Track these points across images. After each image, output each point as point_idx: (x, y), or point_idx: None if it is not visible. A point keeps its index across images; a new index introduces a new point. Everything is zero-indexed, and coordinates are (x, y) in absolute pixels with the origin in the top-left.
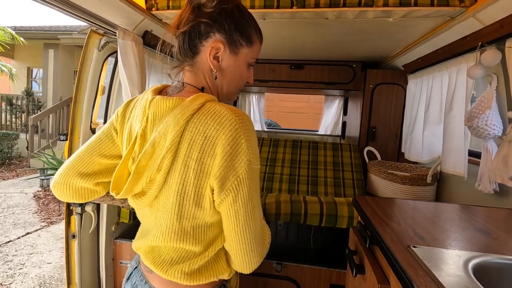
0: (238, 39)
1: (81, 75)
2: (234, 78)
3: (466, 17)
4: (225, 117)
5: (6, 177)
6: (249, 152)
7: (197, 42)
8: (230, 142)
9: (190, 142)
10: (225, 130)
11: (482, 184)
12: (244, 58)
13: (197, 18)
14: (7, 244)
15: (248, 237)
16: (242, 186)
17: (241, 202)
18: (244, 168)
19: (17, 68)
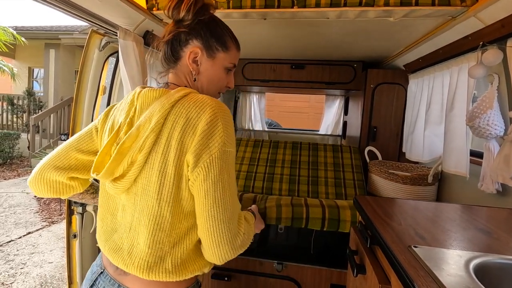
0: (214, 45)
1: (82, 75)
2: (212, 80)
3: (467, 17)
4: (206, 103)
5: (8, 176)
6: (224, 135)
7: (178, 49)
8: (208, 123)
9: (173, 123)
10: (205, 113)
11: (484, 184)
12: (221, 62)
13: (177, 29)
14: (8, 243)
15: (217, 221)
16: (213, 165)
17: (211, 181)
18: (217, 148)
19: (18, 68)
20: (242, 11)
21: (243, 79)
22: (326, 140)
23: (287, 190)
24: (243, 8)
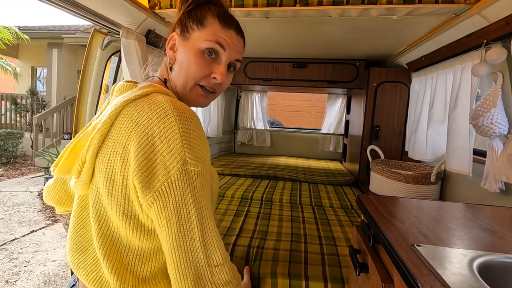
0: (189, 24)
1: (84, 74)
2: (184, 65)
3: (471, 14)
4: (162, 107)
5: (11, 175)
6: (184, 150)
7: (165, 43)
8: (162, 134)
9: (120, 126)
10: (158, 120)
11: (488, 183)
12: (195, 42)
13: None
14: (12, 242)
15: (181, 257)
16: (172, 190)
17: (172, 208)
18: (176, 167)
19: (21, 67)
20: (244, 10)
21: (245, 78)
22: (328, 139)
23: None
24: (245, 7)
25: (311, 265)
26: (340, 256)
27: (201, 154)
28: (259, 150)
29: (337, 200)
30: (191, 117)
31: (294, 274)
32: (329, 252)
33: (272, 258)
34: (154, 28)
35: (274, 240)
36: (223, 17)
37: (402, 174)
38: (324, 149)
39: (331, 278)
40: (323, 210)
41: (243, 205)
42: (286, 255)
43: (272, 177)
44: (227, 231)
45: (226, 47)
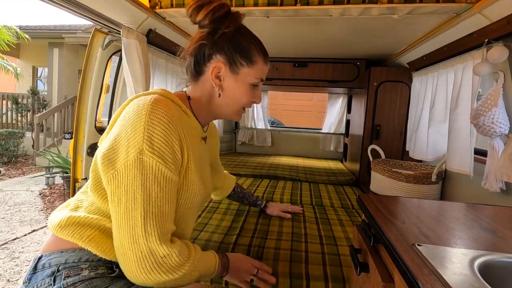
0: (238, 60)
1: (85, 74)
2: (235, 96)
3: (472, 14)
4: (143, 103)
5: (13, 175)
6: (144, 141)
7: (202, 63)
8: (132, 123)
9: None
10: (135, 112)
11: (488, 182)
12: (245, 78)
13: (201, 43)
14: (13, 241)
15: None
16: (127, 173)
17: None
18: (133, 153)
19: (22, 67)
20: (245, 9)
21: None
22: (329, 138)
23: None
24: (246, 6)
25: (312, 264)
26: (341, 255)
27: (161, 152)
28: (259, 149)
29: (338, 200)
30: (162, 118)
31: (295, 274)
32: (329, 252)
33: (273, 257)
34: (155, 28)
35: (274, 239)
36: (264, 52)
37: (403, 174)
38: (325, 149)
39: (332, 278)
40: (324, 209)
41: (243, 205)
42: (287, 254)
43: (272, 177)
44: (227, 231)
45: (264, 79)
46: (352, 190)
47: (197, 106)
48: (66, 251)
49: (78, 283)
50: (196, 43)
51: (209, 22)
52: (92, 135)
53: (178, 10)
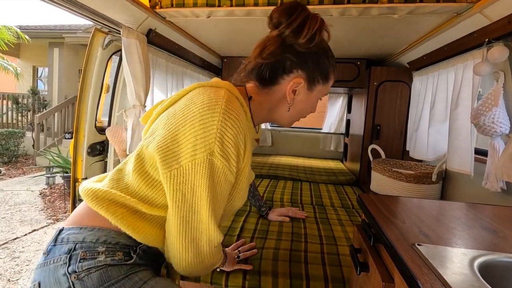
0: (317, 77)
1: (85, 74)
2: (303, 110)
3: (473, 13)
4: (216, 98)
5: (13, 174)
6: (216, 142)
7: (279, 75)
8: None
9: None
10: (208, 107)
11: (489, 182)
12: (317, 95)
13: (283, 53)
14: (14, 241)
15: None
16: (192, 171)
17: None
18: (203, 153)
19: (22, 67)
20: (245, 9)
21: None
22: (329, 138)
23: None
24: (246, 6)
25: (311, 264)
26: (341, 255)
27: (229, 155)
28: (260, 149)
29: (338, 200)
30: (235, 119)
31: (295, 274)
32: (329, 252)
33: (273, 257)
34: (155, 28)
35: (274, 239)
36: (335, 68)
37: (403, 174)
38: (325, 149)
39: (331, 278)
40: (324, 209)
41: (244, 205)
42: (287, 254)
43: (273, 176)
44: (228, 231)
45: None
46: (352, 190)
47: (257, 109)
48: (85, 228)
49: (93, 269)
50: (278, 53)
51: (313, 45)
52: (92, 135)
53: (178, 10)
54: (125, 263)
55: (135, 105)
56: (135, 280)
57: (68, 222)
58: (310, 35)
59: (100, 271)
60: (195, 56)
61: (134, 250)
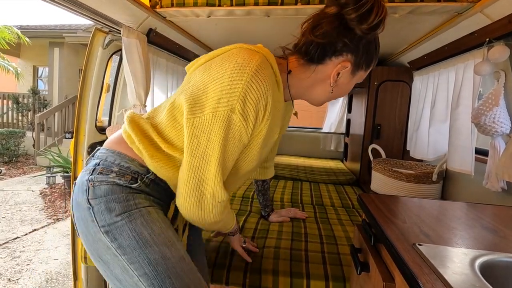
0: (362, 64)
1: (86, 73)
2: (341, 92)
3: (474, 13)
4: (248, 62)
5: (13, 174)
6: (239, 101)
7: (327, 56)
8: (232, 77)
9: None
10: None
11: (489, 182)
12: (357, 79)
13: (339, 36)
14: (14, 240)
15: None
16: (212, 122)
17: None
18: (225, 107)
19: (23, 66)
20: (245, 8)
21: None
22: (329, 138)
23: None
24: (246, 5)
25: (312, 263)
26: (341, 254)
27: (248, 116)
28: None
29: (338, 199)
30: (261, 84)
31: (296, 273)
32: (329, 251)
33: (273, 256)
34: (155, 27)
35: (275, 238)
36: (377, 59)
37: (404, 173)
38: (325, 148)
39: (332, 277)
40: (324, 209)
41: (244, 204)
42: (287, 253)
43: (273, 176)
44: None
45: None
46: (352, 190)
47: (296, 83)
48: (110, 150)
49: (104, 182)
50: (333, 34)
51: (376, 29)
52: (92, 135)
53: (179, 10)
54: (129, 186)
55: (136, 105)
56: (130, 203)
57: (104, 144)
58: (375, 23)
59: (108, 185)
60: (195, 56)
61: (142, 177)
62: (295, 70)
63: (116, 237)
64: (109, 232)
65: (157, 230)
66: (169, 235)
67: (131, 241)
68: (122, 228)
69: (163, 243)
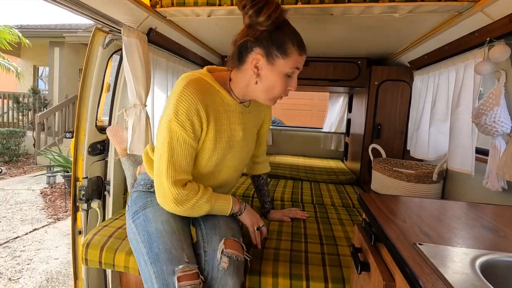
0: (274, 52)
1: (86, 73)
2: (270, 84)
3: (474, 12)
4: (184, 82)
5: (14, 174)
6: (172, 112)
7: (244, 55)
8: (173, 95)
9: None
10: (177, 87)
11: (490, 182)
12: (280, 69)
13: (246, 37)
14: (15, 240)
15: (156, 173)
16: (163, 129)
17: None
18: (167, 118)
19: (23, 66)
20: None
21: None
22: (329, 137)
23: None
24: None
25: (311, 265)
26: (341, 256)
27: (182, 123)
28: None
29: (339, 199)
30: (188, 98)
31: (295, 275)
32: (329, 252)
33: (273, 257)
34: (155, 27)
35: (275, 239)
36: (299, 45)
37: (404, 173)
38: (326, 148)
39: (331, 279)
40: (325, 208)
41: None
42: (287, 255)
43: (273, 176)
44: None
45: (299, 68)
46: (353, 189)
47: (236, 87)
48: (142, 173)
49: (136, 191)
50: (242, 36)
51: (270, 23)
52: (92, 134)
53: (179, 9)
54: (148, 191)
55: (136, 104)
56: (143, 201)
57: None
58: (268, 14)
59: (137, 192)
60: (195, 55)
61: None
62: (233, 77)
63: (134, 220)
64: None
65: (159, 213)
66: (167, 217)
67: (141, 221)
68: (139, 215)
69: (159, 221)
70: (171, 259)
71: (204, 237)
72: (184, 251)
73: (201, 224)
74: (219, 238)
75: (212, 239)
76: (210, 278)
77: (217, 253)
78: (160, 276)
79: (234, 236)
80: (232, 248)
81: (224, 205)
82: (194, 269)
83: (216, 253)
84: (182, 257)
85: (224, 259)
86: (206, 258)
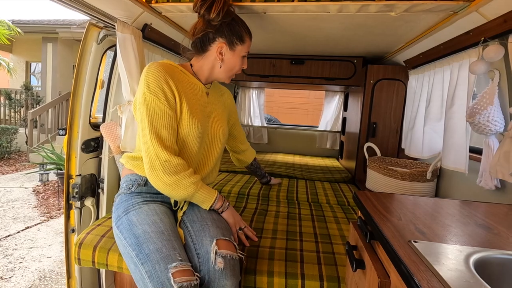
0: (234, 40)
1: (79, 69)
2: (231, 66)
3: (469, 12)
4: (151, 64)
5: (6, 171)
6: (144, 85)
7: (207, 44)
8: (143, 74)
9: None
10: (145, 68)
11: (483, 180)
12: (239, 53)
13: (207, 29)
14: (7, 238)
15: (143, 149)
16: (140, 104)
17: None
18: (141, 92)
19: (15, 62)
20: (242, 5)
21: (242, 74)
22: (325, 136)
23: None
24: (243, 2)
25: (307, 263)
26: (336, 254)
27: (155, 92)
28: (256, 147)
29: (334, 197)
30: (154, 71)
31: (291, 273)
32: (324, 250)
33: (268, 256)
34: (150, 23)
35: (270, 238)
36: (249, 33)
37: (399, 171)
38: (321, 146)
39: (327, 277)
40: (320, 206)
41: (240, 201)
42: (282, 253)
43: (269, 174)
44: None
45: (249, 50)
46: (348, 188)
47: (199, 70)
48: (124, 176)
49: (118, 196)
50: (202, 29)
51: (220, 18)
52: (86, 131)
53: (174, 5)
54: (130, 192)
55: (130, 101)
56: (125, 205)
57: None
58: (218, 10)
59: (119, 196)
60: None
61: (139, 182)
62: (194, 62)
63: (118, 225)
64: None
65: (143, 216)
66: (154, 218)
67: (125, 226)
68: (122, 220)
69: (146, 224)
70: (163, 258)
71: (194, 239)
72: (176, 250)
73: (188, 226)
74: (210, 239)
75: (203, 240)
76: (207, 280)
77: (211, 254)
78: (153, 275)
79: (224, 236)
80: (225, 248)
81: (207, 195)
82: (189, 266)
83: (210, 255)
84: (175, 255)
85: (219, 260)
86: (200, 260)
